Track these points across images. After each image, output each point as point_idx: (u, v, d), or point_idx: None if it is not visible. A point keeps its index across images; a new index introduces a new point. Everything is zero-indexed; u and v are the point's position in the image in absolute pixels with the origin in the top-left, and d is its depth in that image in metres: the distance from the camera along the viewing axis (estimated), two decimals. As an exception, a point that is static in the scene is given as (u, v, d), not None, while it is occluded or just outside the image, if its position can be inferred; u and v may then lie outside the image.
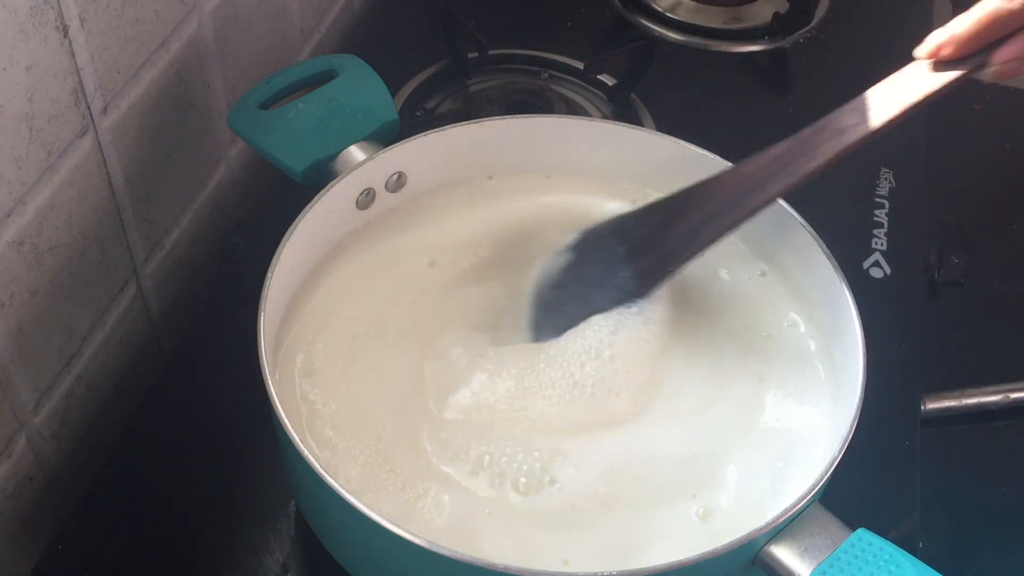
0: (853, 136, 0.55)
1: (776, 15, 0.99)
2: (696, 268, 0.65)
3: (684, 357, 0.62)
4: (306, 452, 0.50)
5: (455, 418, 0.58)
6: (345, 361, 0.60)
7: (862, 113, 0.55)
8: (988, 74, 0.53)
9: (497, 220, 0.68)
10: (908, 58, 0.56)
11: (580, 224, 0.66)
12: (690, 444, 0.58)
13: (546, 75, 0.93)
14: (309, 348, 0.60)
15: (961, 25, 0.53)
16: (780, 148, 0.58)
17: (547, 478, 0.56)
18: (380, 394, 0.59)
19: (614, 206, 0.68)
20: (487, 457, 0.56)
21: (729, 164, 0.65)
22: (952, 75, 0.53)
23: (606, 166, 0.69)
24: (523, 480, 0.55)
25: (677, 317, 0.63)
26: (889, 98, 0.55)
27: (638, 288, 0.61)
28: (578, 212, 0.68)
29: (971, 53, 0.53)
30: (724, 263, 0.66)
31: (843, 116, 0.56)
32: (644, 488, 0.56)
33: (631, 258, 0.62)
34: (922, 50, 0.54)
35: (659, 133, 0.68)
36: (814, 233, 0.62)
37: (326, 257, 0.64)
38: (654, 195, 0.69)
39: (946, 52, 0.53)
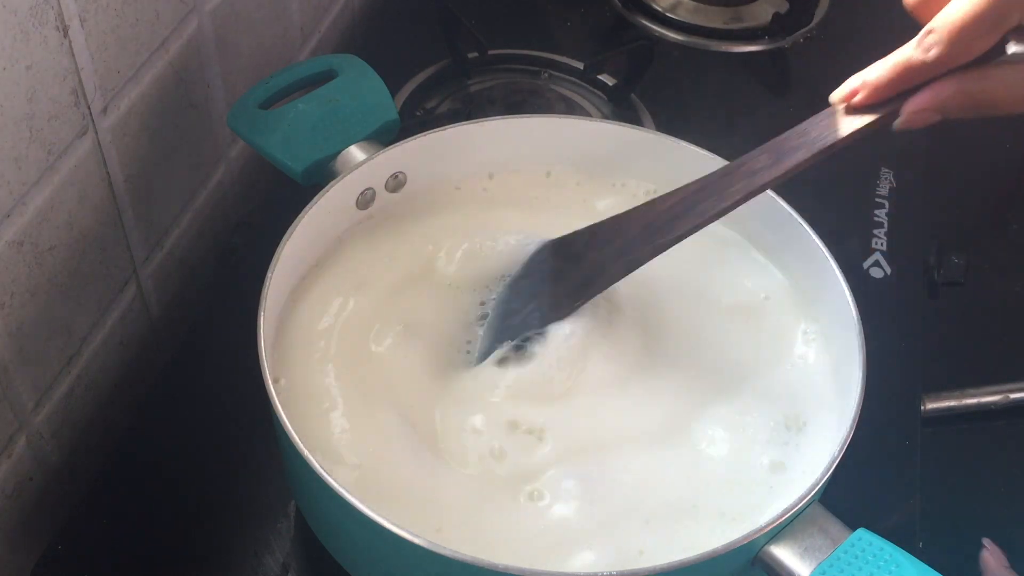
0: (763, 179, 0.55)
1: (776, 15, 0.99)
2: (699, 267, 0.66)
3: (681, 355, 0.62)
4: (306, 452, 0.50)
5: (452, 420, 0.58)
6: (345, 361, 0.60)
7: (774, 156, 0.54)
8: (898, 123, 0.51)
9: (498, 218, 0.68)
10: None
11: (579, 220, 0.66)
12: (687, 443, 0.58)
13: (546, 75, 0.93)
14: (309, 348, 0.60)
15: (875, 72, 0.52)
16: (692, 187, 0.58)
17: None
18: (379, 393, 0.59)
19: (613, 201, 0.68)
20: (492, 458, 0.57)
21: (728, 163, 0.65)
22: (864, 121, 0.52)
23: (606, 166, 0.69)
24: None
25: (673, 314, 0.63)
26: (802, 142, 0.54)
27: (555, 312, 0.61)
28: (579, 208, 0.68)
29: (883, 100, 0.52)
30: (726, 262, 0.66)
31: (756, 158, 0.55)
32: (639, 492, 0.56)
33: (554, 283, 0.62)
34: (836, 95, 0.53)
35: (659, 133, 0.68)
36: (814, 233, 0.62)
37: (326, 257, 0.64)
38: (654, 192, 0.69)
39: (859, 98, 0.52)
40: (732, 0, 1.02)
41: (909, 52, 0.50)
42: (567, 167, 0.70)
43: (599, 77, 0.91)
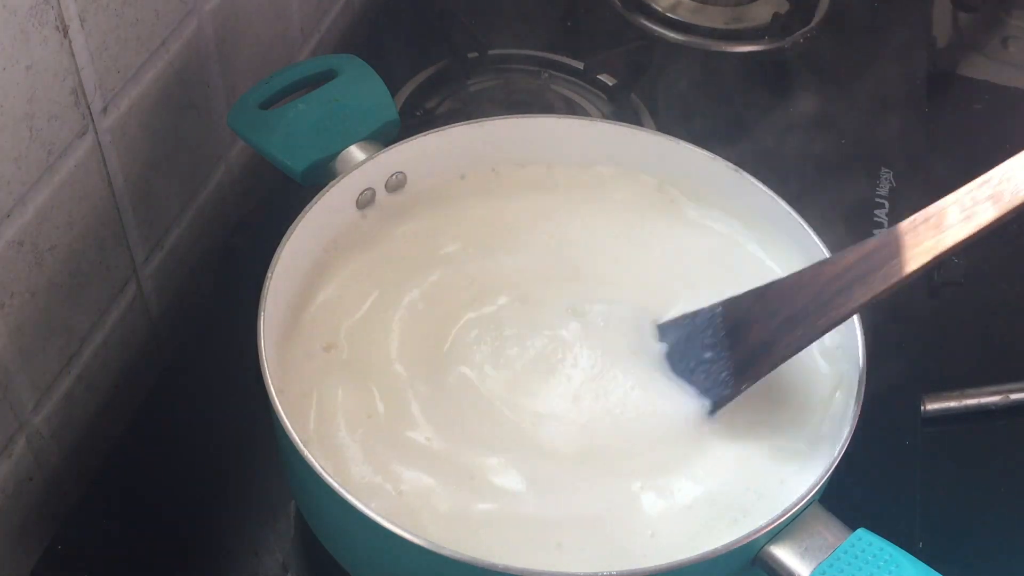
0: (958, 234, 0.47)
1: (776, 15, 0.99)
2: (698, 267, 0.66)
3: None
4: (306, 452, 0.50)
5: (454, 421, 0.58)
6: (345, 361, 0.60)
7: (968, 207, 0.47)
8: None
9: (499, 216, 0.68)
10: (908, 58, 0.55)
11: (582, 217, 0.67)
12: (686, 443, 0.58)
13: (546, 75, 0.93)
14: (309, 348, 0.60)
15: None
16: (872, 244, 0.50)
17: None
18: (379, 394, 0.59)
19: (617, 196, 0.69)
20: (494, 464, 0.56)
21: (728, 164, 0.65)
22: None
23: (606, 166, 0.69)
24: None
25: (673, 313, 0.63)
26: (1003, 189, 0.46)
27: (713, 399, 0.56)
28: (580, 204, 0.69)
29: None
30: (725, 263, 0.66)
31: (945, 210, 0.48)
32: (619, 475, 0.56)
33: (709, 363, 0.57)
34: None
35: (659, 133, 0.68)
36: (814, 233, 0.62)
37: (326, 257, 0.64)
38: (654, 190, 0.69)
39: None
40: (732, 0, 1.02)
41: None
42: (567, 167, 0.70)
43: (599, 77, 0.91)
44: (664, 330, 0.61)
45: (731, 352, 0.56)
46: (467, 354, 0.61)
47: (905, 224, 0.50)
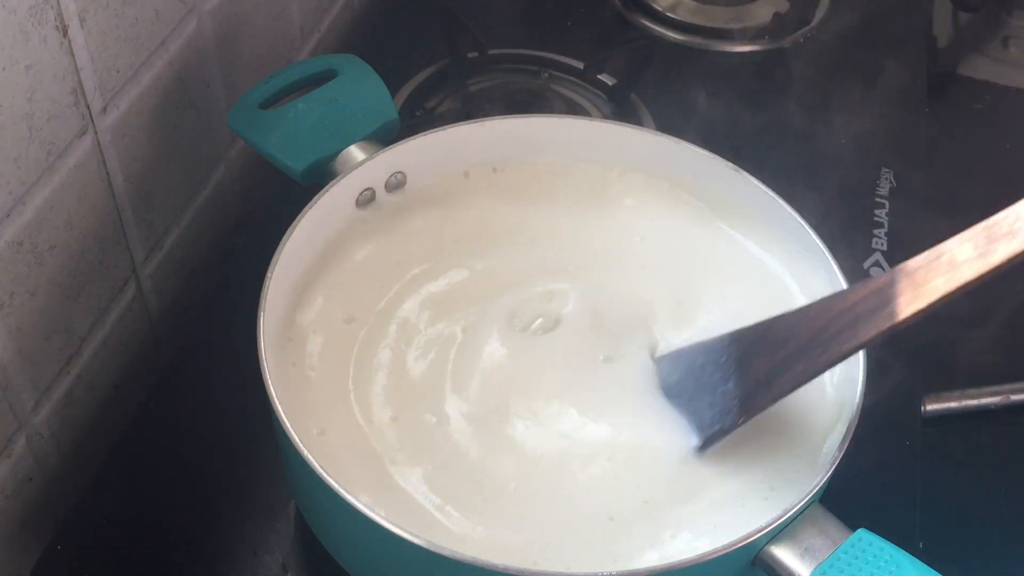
0: (970, 272, 0.46)
1: (776, 15, 0.99)
2: (699, 271, 0.66)
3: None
4: (306, 452, 0.50)
5: (458, 425, 0.58)
6: (346, 361, 0.60)
7: (983, 245, 0.46)
8: None
9: (499, 216, 0.68)
10: (907, 58, 0.55)
11: (582, 216, 0.67)
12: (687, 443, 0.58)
13: (546, 75, 0.93)
14: (310, 348, 0.60)
15: None
16: (881, 281, 0.49)
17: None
18: (380, 394, 0.59)
19: (616, 196, 0.69)
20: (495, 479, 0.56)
21: (728, 164, 0.65)
22: None
23: (606, 165, 0.69)
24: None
25: (677, 314, 0.63)
26: (1019, 225, 0.45)
27: (709, 433, 0.55)
28: (580, 204, 0.69)
29: None
30: (725, 263, 0.66)
31: (959, 247, 0.47)
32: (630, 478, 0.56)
33: (710, 394, 0.56)
34: None
35: (659, 133, 0.68)
36: (814, 233, 0.62)
37: (326, 257, 0.64)
38: (655, 189, 0.69)
39: None
40: (732, 0, 1.02)
41: None
42: (568, 167, 0.70)
43: (599, 77, 0.91)
44: (664, 362, 0.59)
45: (736, 385, 0.55)
46: (468, 357, 0.61)
47: (914, 261, 0.49)
